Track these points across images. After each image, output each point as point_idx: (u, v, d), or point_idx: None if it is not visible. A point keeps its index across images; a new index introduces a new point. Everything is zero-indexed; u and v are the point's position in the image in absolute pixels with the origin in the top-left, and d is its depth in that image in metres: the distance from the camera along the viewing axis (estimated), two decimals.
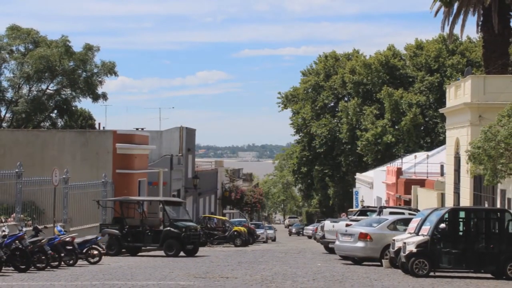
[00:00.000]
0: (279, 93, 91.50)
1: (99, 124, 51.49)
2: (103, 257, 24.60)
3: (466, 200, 30.92)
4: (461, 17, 37.60)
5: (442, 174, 42.49)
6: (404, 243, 20.71)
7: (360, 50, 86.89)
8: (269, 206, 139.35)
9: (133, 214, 31.48)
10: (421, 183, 44.58)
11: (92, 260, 23.72)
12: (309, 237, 61.93)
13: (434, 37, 77.56)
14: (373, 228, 25.14)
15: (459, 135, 32.57)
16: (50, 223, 25.36)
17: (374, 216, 29.60)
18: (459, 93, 33.05)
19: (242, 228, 42.81)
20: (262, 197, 78.24)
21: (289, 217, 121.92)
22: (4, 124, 50.54)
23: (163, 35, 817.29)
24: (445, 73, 72.30)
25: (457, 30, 39.35)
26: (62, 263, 21.88)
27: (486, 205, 28.17)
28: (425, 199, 40.66)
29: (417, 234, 20.87)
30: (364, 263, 25.42)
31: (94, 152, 34.94)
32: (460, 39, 69.97)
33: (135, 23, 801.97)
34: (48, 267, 20.87)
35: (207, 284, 16.86)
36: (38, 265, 20.66)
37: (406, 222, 24.34)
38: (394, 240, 22.15)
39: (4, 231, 20.18)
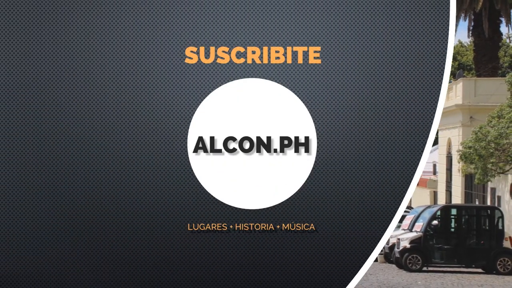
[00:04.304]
0: None
1: None
2: None
3: (457, 198, 31.30)
4: None
5: (434, 173, 42.97)
6: (398, 239, 20.73)
7: None
8: None
9: None
10: None
11: None
12: None
13: None
14: None
15: (451, 136, 32.95)
16: None
17: None
18: (451, 95, 33.36)
19: None
20: None
21: None
22: None
23: None
24: None
25: None
26: None
27: (477, 203, 28.51)
28: (418, 197, 40.97)
29: (411, 231, 20.92)
30: None
31: None
32: None
33: None
34: None
35: None
36: None
37: (400, 219, 24.69)
38: None
39: None
